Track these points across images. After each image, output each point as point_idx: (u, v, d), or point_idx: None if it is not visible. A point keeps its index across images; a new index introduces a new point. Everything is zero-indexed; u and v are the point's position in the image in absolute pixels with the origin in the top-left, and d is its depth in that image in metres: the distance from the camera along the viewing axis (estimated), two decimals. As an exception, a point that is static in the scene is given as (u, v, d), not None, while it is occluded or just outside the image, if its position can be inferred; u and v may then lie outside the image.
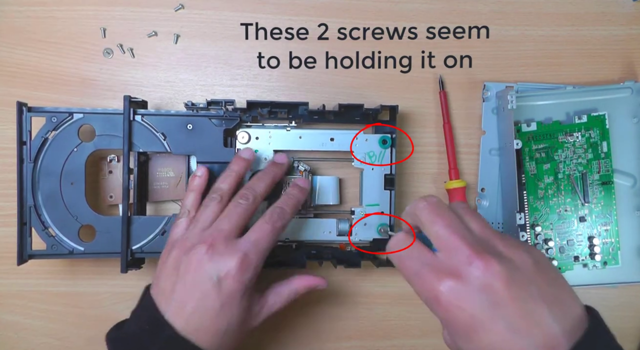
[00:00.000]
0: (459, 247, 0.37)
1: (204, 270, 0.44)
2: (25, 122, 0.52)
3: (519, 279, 0.36)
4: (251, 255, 0.45)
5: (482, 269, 0.35)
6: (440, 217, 0.39)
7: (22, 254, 0.52)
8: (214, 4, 0.59)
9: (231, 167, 0.52)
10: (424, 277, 0.38)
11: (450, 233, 0.38)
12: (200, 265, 0.44)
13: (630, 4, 0.62)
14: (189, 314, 0.43)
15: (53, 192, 0.53)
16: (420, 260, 0.39)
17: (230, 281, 0.44)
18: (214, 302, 0.43)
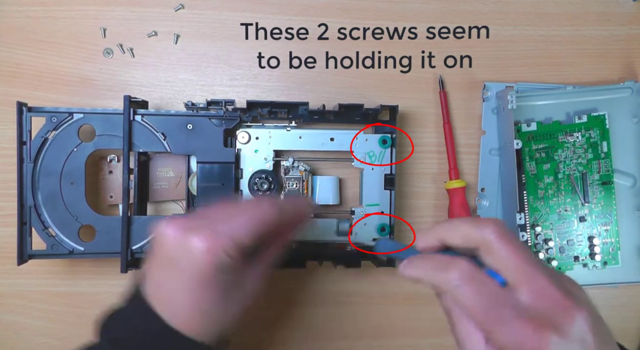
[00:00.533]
0: (547, 289, 0.32)
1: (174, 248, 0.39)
2: (25, 122, 0.52)
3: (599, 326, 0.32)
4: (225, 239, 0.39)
5: (579, 320, 0.31)
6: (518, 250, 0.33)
7: (22, 254, 0.52)
8: (214, 4, 0.59)
9: None
10: (511, 325, 0.31)
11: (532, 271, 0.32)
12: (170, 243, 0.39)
13: (630, 4, 0.62)
14: (165, 294, 0.39)
15: (53, 192, 0.53)
16: (498, 300, 0.32)
17: (199, 258, 0.38)
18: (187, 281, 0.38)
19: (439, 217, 0.61)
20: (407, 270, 0.36)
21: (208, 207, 0.43)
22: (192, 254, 0.38)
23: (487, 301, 0.32)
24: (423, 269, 0.35)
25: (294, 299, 0.60)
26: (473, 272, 0.33)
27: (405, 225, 0.61)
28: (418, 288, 0.61)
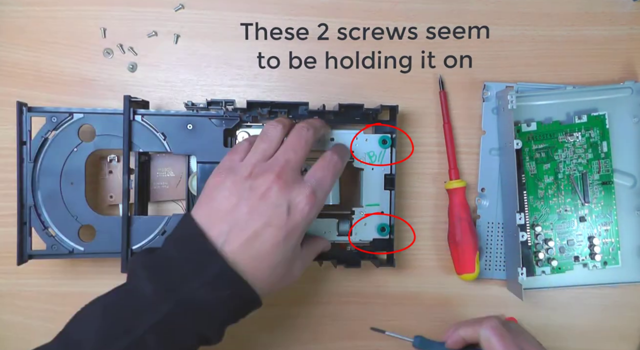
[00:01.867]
0: None
1: (273, 198, 0.42)
2: (25, 122, 0.52)
3: None
4: (318, 193, 0.44)
5: None
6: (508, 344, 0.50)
7: (22, 254, 0.52)
8: (214, 4, 0.59)
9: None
10: None
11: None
12: (269, 192, 0.42)
13: (630, 4, 0.62)
14: (248, 237, 0.42)
15: (53, 192, 0.53)
16: None
17: (298, 214, 0.43)
18: (279, 231, 0.42)
19: (439, 217, 0.61)
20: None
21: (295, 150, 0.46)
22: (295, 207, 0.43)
23: None
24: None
25: (293, 299, 0.60)
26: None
27: (405, 225, 0.61)
28: (418, 288, 0.61)
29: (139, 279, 0.41)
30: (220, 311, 0.41)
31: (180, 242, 0.43)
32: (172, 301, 0.39)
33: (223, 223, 0.42)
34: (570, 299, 0.62)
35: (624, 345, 0.62)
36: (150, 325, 0.39)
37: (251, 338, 0.60)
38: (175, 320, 0.39)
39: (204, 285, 0.40)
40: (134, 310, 0.40)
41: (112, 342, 0.38)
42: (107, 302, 0.42)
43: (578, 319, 0.62)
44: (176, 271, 0.41)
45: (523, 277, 0.56)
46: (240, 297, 0.42)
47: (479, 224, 0.60)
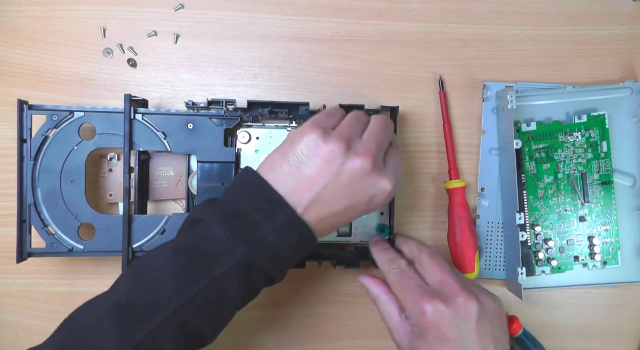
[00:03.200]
0: (450, 283, 0.47)
1: (365, 184, 0.44)
2: (26, 120, 0.52)
3: (485, 320, 0.46)
4: (397, 184, 0.46)
5: (465, 302, 0.46)
6: (438, 262, 0.50)
7: (22, 252, 0.52)
8: (214, 4, 0.59)
9: None
10: (417, 295, 0.47)
11: (443, 273, 0.48)
12: (362, 178, 0.43)
13: (630, 4, 0.62)
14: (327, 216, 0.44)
15: (53, 190, 0.53)
16: (417, 283, 0.48)
17: (379, 203, 0.46)
18: (357, 213, 0.45)
19: (439, 217, 0.61)
20: (373, 249, 0.54)
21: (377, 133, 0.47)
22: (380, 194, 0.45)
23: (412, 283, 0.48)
24: (381, 255, 0.53)
25: (293, 299, 0.60)
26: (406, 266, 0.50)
27: (403, 227, 0.61)
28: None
29: (209, 226, 0.43)
30: (288, 255, 0.43)
31: (247, 193, 0.44)
32: (247, 246, 0.42)
33: (306, 193, 0.43)
34: (570, 299, 0.62)
35: (624, 345, 0.62)
36: (228, 268, 0.41)
37: (251, 338, 0.60)
38: (251, 263, 0.42)
39: (275, 230, 0.42)
40: (210, 255, 0.42)
41: (191, 283, 0.41)
42: (178, 247, 0.43)
43: (578, 319, 0.62)
44: (247, 219, 0.42)
45: (523, 277, 0.56)
46: (307, 245, 0.44)
47: (479, 224, 0.60)
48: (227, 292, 0.42)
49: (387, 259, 0.52)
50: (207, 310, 0.41)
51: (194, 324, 0.41)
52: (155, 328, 0.39)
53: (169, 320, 0.40)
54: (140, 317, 0.40)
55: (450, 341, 0.45)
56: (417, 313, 0.46)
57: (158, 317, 0.40)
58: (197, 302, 0.41)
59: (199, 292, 0.41)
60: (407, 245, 0.54)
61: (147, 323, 0.39)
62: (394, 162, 0.47)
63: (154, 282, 0.41)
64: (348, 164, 0.43)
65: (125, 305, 0.40)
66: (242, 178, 0.45)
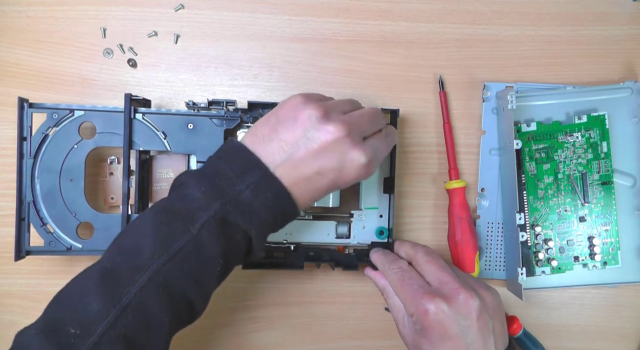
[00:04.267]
0: (449, 281, 0.48)
1: (336, 152, 0.43)
2: (26, 118, 0.52)
3: (485, 314, 0.47)
4: (373, 162, 0.46)
5: (465, 299, 0.47)
6: (436, 260, 0.51)
7: (20, 250, 0.52)
8: (214, 4, 0.59)
9: None
10: (419, 294, 0.48)
11: (441, 271, 0.50)
12: (334, 146, 0.43)
13: (630, 4, 0.62)
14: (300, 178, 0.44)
15: (52, 188, 0.53)
16: (418, 284, 0.49)
17: (350, 175, 0.44)
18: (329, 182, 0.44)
19: (439, 217, 0.61)
20: (373, 256, 0.55)
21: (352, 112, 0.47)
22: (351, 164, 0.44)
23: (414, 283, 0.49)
24: (380, 259, 0.54)
25: (293, 299, 0.60)
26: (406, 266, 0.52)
27: (403, 227, 0.61)
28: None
29: (187, 187, 0.44)
30: (264, 214, 0.43)
31: (225, 156, 0.45)
32: (221, 200, 0.42)
33: (278, 152, 0.44)
34: (570, 299, 0.62)
35: (624, 345, 0.62)
36: (203, 222, 0.42)
37: (251, 338, 0.60)
38: (226, 215, 0.42)
39: (249, 186, 0.43)
40: (188, 211, 0.42)
41: (171, 242, 0.41)
42: (159, 209, 0.44)
43: (578, 319, 0.62)
44: (223, 177, 0.43)
45: (523, 277, 0.56)
46: (281, 203, 0.44)
47: (479, 224, 0.60)
48: (206, 247, 0.42)
49: (387, 260, 0.53)
50: (189, 267, 0.41)
51: (178, 283, 0.41)
52: (139, 289, 0.40)
53: (152, 280, 0.40)
54: (124, 279, 0.40)
55: (453, 338, 0.46)
56: (418, 312, 0.47)
57: (141, 277, 0.40)
58: (178, 258, 0.41)
59: (180, 249, 0.41)
60: (403, 248, 0.54)
61: (131, 285, 0.40)
62: (376, 144, 0.47)
63: (137, 244, 0.42)
64: (321, 128, 0.43)
65: (111, 270, 0.41)
66: (224, 145, 0.47)
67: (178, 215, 0.42)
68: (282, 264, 0.56)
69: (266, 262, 0.56)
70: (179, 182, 0.45)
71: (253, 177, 0.43)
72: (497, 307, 0.50)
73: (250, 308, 0.60)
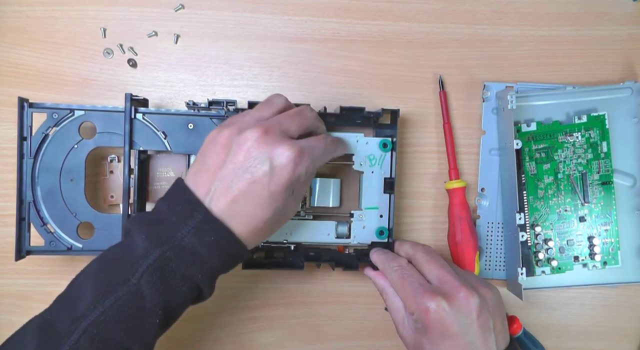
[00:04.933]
0: (449, 279, 0.48)
1: (258, 153, 0.42)
2: (26, 118, 0.52)
3: (485, 312, 0.47)
4: (306, 155, 0.44)
5: (466, 297, 0.46)
6: (435, 259, 0.51)
7: (20, 250, 0.52)
8: (214, 4, 0.59)
9: None
10: (419, 292, 0.47)
11: (441, 269, 0.49)
12: (254, 148, 0.42)
13: (630, 4, 0.62)
14: (235, 194, 0.42)
15: (52, 188, 0.53)
16: (419, 283, 0.49)
17: (283, 172, 0.42)
18: (263, 189, 0.42)
19: (439, 217, 0.61)
20: (373, 255, 0.54)
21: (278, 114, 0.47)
22: (280, 162, 0.42)
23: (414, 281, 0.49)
24: (380, 258, 0.53)
25: (293, 299, 0.60)
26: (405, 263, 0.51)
27: (403, 228, 0.61)
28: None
29: (132, 234, 0.43)
30: (208, 257, 0.42)
31: (169, 199, 0.44)
32: (162, 246, 0.41)
33: (209, 180, 0.43)
34: (570, 299, 0.62)
35: (624, 345, 0.62)
36: (143, 270, 0.41)
37: (251, 338, 0.60)
38: (166, 263, 0.41)
39: (191, 230, 0.41)
40: (129, 260, 0.41)
41: (110, 293, 0.40)
42: (103, 258, 0.43)
43: (578, 319, 0.62)
44: (166, 222, 0.42)
45: (523, 277, 0.56)
46: (225, 244, 0.42)
47: (479, 224, 0.60)
48: (145, 298, 0.41)
49: (387, 259, 0.53)
50: (126, 318, 0.40)
51: (114, 335, 0.40)
52: (75, 342, 0.39)
53: (87, 332, 0.39)
54: (61, 331, 0.40)
55: (454, 337, 0.46)
56: (419, 310, 0.47)
57: (77, 330, 0.39)
58: (114, 310, 0.40)
59: (116, 299, 0.40)
60: (403, 248, 0.54)
61: (66, 338, 0.39)
62: (307, 142, 0.45)
63: (77, 295, 0.41)
64: (239, 139, 0.43)
65: (49, 321, 0.41)
66: (171, 186, 0.46)
67: (120, 264, 0.42)
68: (282, 264, 0.55)
69: (266, 262, 0.56)
70: (125, 230, 0.45)
71: (194, 221, 0.42)
72: (498, 305, 0.49)
73: (250, 308, 0.60)
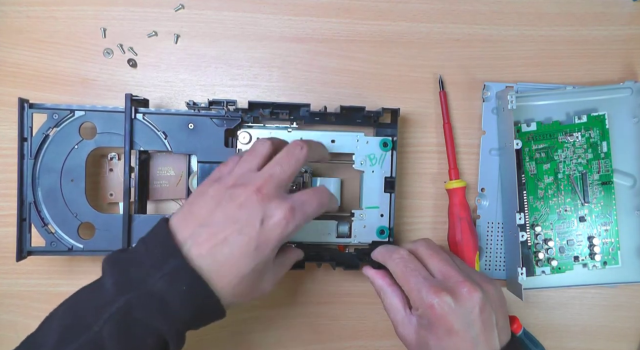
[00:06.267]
0: (453, 275, 0.48)
1: (250, 208, 0.42)
2: (27, 118, 0.52)
3: (488, 307, 0.47)
4: (297, 212, 0.44)
5: (470, 293, 0.46)
6: (437, 253, 0.51)
7: (21, 250, 0.52)
8: (214, 4, 0.59)
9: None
10: (425, 288, 0.47)
11: (445, 264, 0.49)
12: (246, 202, 0.43)
13: (630, 4, 0.62)
14: (219, 240, 0.42)
15: (53, 188, 0.53)
16: (423, 276, 0.48)
17: (272, 227, 0.42)
18: (250, 241, 0.42)
19: (439, 217, 0.61)
20: (375, 252, 0.53)
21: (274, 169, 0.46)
22: (272, 220, 0.43)
23: (418, 276, 0.48)
24: (381, 252, 0.52)
25: (293, 299, 0.60)
26: (407, 255, 0.50)
27: (403, 227, 0.61)
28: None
29: (104, 275, 0.42)
30: (178, 308, 0.40)
31: (148, 241, 0.43)
32: (130, 292, 0.39)
33: (195, 225, 0.43)
34: (570, 299, 0.62)
35: (624, 345, 0.62)
36: (106, 318, 0.39)
37: (252, 338, 0.60)
38: (132, 311, 0.39)
39: (163, 277, 0.40)
40: (95, 305, 0.40)
41: (71, 340, 0.38)
42: (71, 301, 0.42)
43: (578, 319, 0.62)
44: (138, 266, 0.41)
45: (523, 277, 0.56)
46: (198, 295, 0.41)
47: (479, 224, 0.61)
48: (106, 347, 0.38)
49: (388, 251, 0.52)
50: None
51: None
52: None
53: None
54: None
55: (459, 332, 0.46)
56: (424, 306, 0.46)
57: None
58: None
59: (77, 348, 0.38)
60: (404, 245, 0.54)
61: None
62: (303, 198, 0.45)
63: (42, 339, 0.40)
64: (231, 193, 0.43)
65: None
66: (154, 226, 0.44)
67: (86, 308, 0.40)
68: None
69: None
70: (102, 268, 0.42)
71: (168, 267, 0.40)
72: (500, 300, 0.49)
73: (250, 308, 0.60)
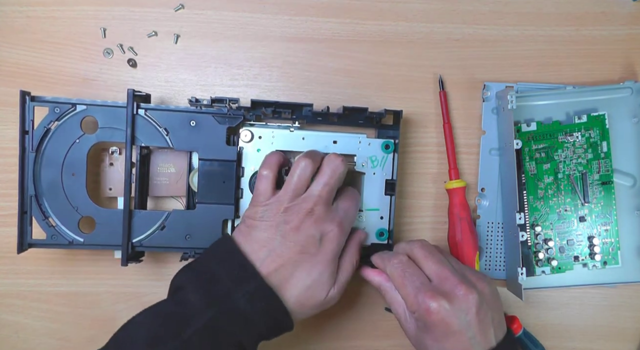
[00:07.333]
0: (448, 277, 0.49)
1: (307, 230, 0.48)
2: (28, 111, 0.52)
3: (484, 308, 0.48)
4: (345, 223, 0.51)
5: (465, 295, 0.47)
6: (432, 255, 0.51)
7: (22, 243, 0.52)
8: (214, 4, 0.59)
9: None
10: (421, 293, 0.48)
11: (440, 266, 0.50)
12: (303, 225, 0.48)
13: (630, 4, 0.62)
14: (284, 263, 0.47)
15: (54, 182, 0.53)
16: (420, 281, 0.49)
17: (330, 243, 0.49)
18: (312, 258, 0.48)
19: (439, 217, 0.61)
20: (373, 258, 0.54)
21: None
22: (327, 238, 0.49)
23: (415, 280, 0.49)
24: (380, 257, 0.53)
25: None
26: (406, 260, 0.51)
27: (403, 228, 0.61)
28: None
29: (186, 292, 0.46)
30: (257, 322, 0.46)
31: (221, 259, 0.48)
32: (216, 308, 0.44)
33: (261, 250, 0.48)
34: (570, 299, 0.62)
35: (624, 345, 0.62)
36: (196, 329, 0.43)
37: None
38: (219, 324, 0.44)
39: (244, 295, 0.45)
40: (182, 317, 0.44)
41: (161, 345, 0.42)
42: (155, 311, 0.46)
43: (578, 319, 0.62)
44: (217, 282, 0.46)
45: (523, 277, 0.56)
46: (274, 312, 0.47)
47: (479, 224, 0.60)
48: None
49: (387, 257, 0.53)
50: None
51: None
52: None
53: None
54: None
55: (456, 333, 0.47)
56: (421, 310, 0.48)
57: None
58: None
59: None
60: (399, 247, 0.55)
61: None
62: (345, 206, 0.51)
63: (131, 340, 0.44)
64: (287, 219, 0.48)
65: None
66: (219, 244, 0.50)
67: (173, 319, 0.44)
68: None
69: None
70: (177, 285, 0.47)
71: (249, 287, 0.46)
72: (494, 297, 0.50)
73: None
